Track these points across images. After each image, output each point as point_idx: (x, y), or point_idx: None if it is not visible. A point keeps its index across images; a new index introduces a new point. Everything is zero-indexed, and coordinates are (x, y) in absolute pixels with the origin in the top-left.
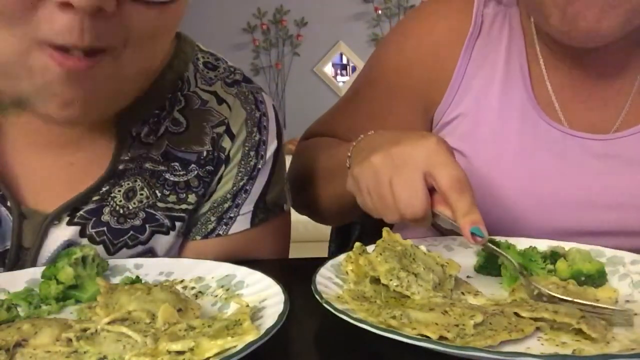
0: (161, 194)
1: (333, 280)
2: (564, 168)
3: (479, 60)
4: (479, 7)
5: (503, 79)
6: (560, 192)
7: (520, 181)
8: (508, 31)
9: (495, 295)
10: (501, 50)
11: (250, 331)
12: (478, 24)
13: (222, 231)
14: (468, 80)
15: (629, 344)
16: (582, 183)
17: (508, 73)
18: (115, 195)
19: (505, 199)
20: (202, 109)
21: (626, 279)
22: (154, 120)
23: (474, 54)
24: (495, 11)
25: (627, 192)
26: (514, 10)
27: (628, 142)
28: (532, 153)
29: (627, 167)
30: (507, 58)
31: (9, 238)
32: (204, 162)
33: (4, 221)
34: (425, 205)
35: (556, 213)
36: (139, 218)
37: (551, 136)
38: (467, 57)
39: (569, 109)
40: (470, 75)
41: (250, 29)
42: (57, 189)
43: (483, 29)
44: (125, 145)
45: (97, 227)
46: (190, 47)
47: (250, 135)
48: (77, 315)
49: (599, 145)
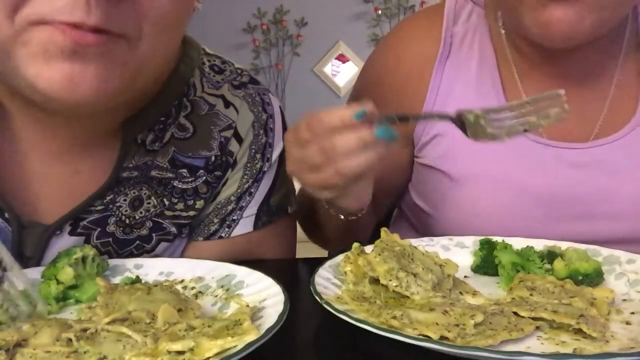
0: (169, 202)
1: (331, 280)
2: (541, 180)
3: (452, 79)
4: (448, 26)
5: (476, 96)
6: (539, 204)
7: (499, 197)
8: (478, 47)
9: (493, 295)
10: (472, 66)
11: (250, 331)
12: (448, 43)
13: (225, 233)
14: (442, 99)
15: (628, 342)
16: (559, 194)
17: (481, 88)
18: (121, 204)
19: (485, 214)
20: (209, 113)
21: (622, 278)
22: (159, 127)
23: (446, 73)
24: (464, 28)
25: (604, 202)
26: (483, 26)
27: (604, 151)
28: (509, 167)
29: (604, 176)
30: (479, 74)
31: (9, 249)
32: (213, 168)
33: (3, 232)
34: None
35: (535, 225)
36: (145, 227)
37: (528, 148)
38: (438, 77)
39: None
40: (444, 94)
41: (250, 29)
42: (61, 197)
43: (453, 47)
44: (129, 153)
45: (102, 237)
46: (196, 51)
47: (256, 138)
48: (77, 315)
49: (577, 155)
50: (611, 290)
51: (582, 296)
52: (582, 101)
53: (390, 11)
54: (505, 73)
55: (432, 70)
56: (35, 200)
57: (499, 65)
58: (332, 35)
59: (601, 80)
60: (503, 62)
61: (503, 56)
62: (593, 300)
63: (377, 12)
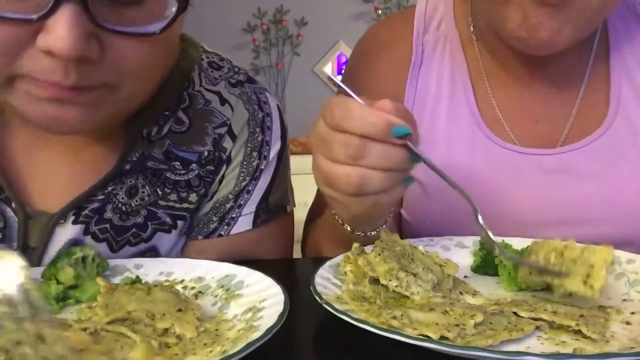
0: (162, 192)
1: (331, 280)
2: (515, 188)
3: (426, 88)
4: (419, 35)
5: (448, 104)
6: (514, 212)
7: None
8: (450, 55)
9: (493, 295)
10: (445, 75)
11: None
12: (419, 52)
13: (224, 231)
14: (419, 109)
15: (628, 342)
16: (535, 201)
17: (453, 97)
18: (118, 192)
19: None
20: (204, 108)
21: (622, 278)
22: (162, 120)
23: (420, 82)
24: (435, 37)
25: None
26: (453, 34)
27: (575, 156)
28: (482, 177)
29: (577, 181)
30: (451, 83)
31: (15, 239)
32: (205, 162)
33: (10, 222)
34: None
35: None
36: (140, 215)
37: (501, 156)
38: (413, 86)
39: (516, 123)
40: (420, 104)
41: (250, 29)
42: (63, 187)
43: (425, 56)
44: (134, 146)
45: (100, 224)
46: (194, 49)
47: (252, 136)
48: (77, 315)
49: (549, 160)
50: (609, 252)
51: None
52: (551, 106)
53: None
54: (477, 80)
55: (407, 78)
56: (39, 189)
57: (470, 73)
58: (332, 35)
59: (572, 84)
60: (474, 69)
61: (474, 61)
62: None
63: (377, 12)
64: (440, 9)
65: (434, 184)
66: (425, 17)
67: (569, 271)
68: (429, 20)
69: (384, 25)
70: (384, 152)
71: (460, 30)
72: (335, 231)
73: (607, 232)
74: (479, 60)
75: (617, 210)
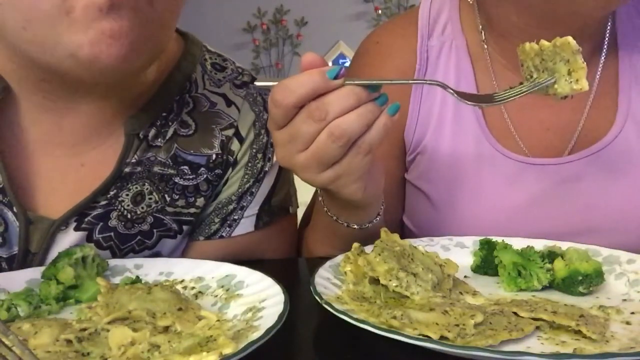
0: (170, 198)
1: (331, 280)
2: (523, 200)
3: (431, 96)
4: (423, 40)
5: (454, 113)
6: (523, 225)
7: (479, 220)
8: (455, 61)
9: (493, 295)
10: (450, 82)
11: (226, 345)
12: (424, 58)
13: (226, 233)
14: (424, 117)
15: (628, 342)
16: (544, 213)
17: (459, 105)
18: (123, 199)
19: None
20: (210, 111)
21: (622, 278)
22: (161, 123)
23: (425, 89)
24: (440, 41)
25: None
26: (459, 38)
27: (584, 164)
28: (488, 190)
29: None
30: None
31: (16, 243)
32: (213, 166)
33: (11, 227)
34: None
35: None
36: (146, 223)
37: (508, 167)
38: (418, 94)
39: (527, 132)
40: (425, 112)
41: (250, 29)
42: (65, 193)
43: (430, 62)
44: (131, 148)
45: (104, 232)
46: (197, 48)
47: (257, 138)
48: (77, 315)
49: (557, 170)
50: (567, 40)
51: (560, 60)
52: (563, 113)
53: (390, 11)
54: (484, 84)
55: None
56: (41, 194)
57: (476, 78)
58: (332, 35)
59: None
60: (482, 75)
61: (483, 70)
62: (570, 65)
63: (377, 12)
64: (444, 11)
65: (442, 198)
66: (429, 20)
67: (552, 74)
68: (433, 23)
69: (387, 30)
70: (337, 96)
71: (466, 36)
72: (330, 230)
73: (617, 241)
74: (489, 67)
75: (627, 219)
